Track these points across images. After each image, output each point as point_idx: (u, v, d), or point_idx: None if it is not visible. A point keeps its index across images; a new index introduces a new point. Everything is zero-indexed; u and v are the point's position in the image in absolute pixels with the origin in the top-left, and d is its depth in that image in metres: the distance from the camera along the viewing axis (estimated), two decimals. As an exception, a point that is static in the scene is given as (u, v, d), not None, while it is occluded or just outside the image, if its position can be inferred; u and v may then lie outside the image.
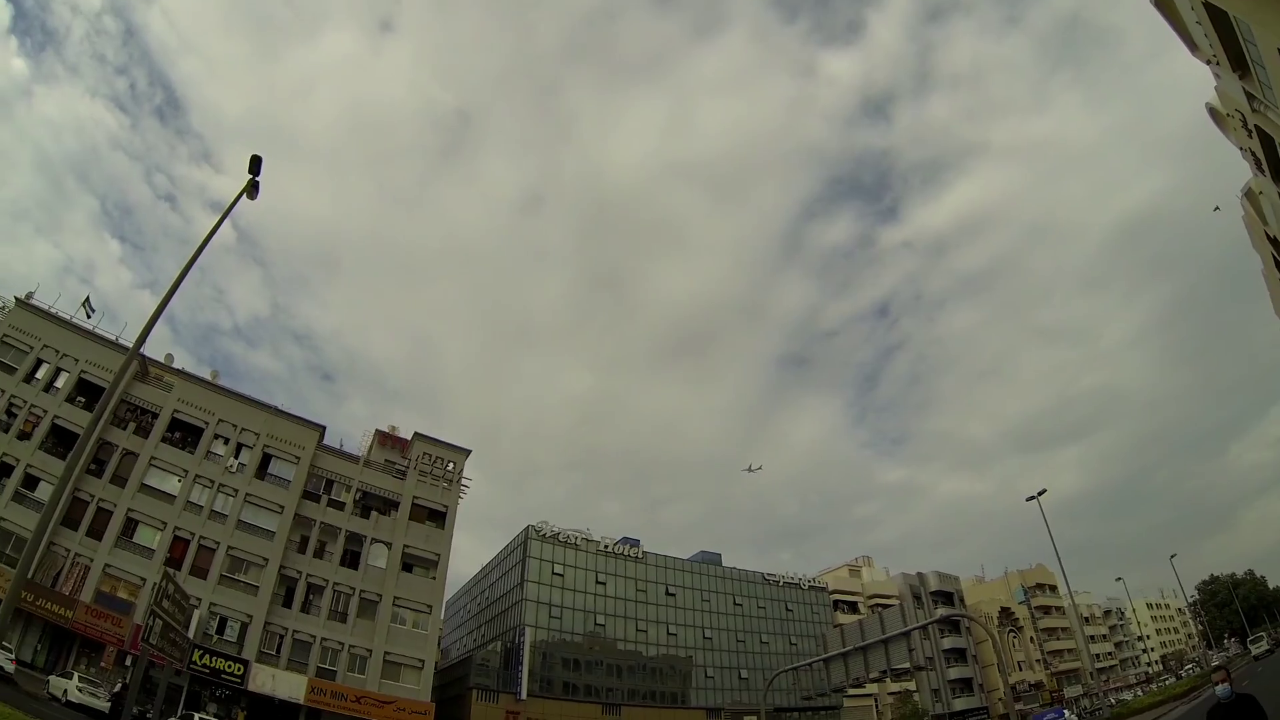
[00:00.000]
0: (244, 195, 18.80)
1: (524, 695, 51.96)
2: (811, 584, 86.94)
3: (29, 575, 28.97)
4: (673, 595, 75.54)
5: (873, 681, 33.29)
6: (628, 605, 72.45)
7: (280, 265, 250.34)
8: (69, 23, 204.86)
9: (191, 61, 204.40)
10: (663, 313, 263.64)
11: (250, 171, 18.61)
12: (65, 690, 32.85)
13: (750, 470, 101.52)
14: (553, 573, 68.77)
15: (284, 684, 42.07)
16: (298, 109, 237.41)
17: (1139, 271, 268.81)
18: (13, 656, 33.82)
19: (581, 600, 69.77)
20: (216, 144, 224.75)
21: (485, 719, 50.70)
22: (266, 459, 48.23)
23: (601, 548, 73.37)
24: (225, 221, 18.66)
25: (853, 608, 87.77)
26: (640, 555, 75.99)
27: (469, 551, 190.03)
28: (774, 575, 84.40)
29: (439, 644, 59.06)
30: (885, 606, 63.95)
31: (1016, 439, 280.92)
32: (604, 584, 72.02)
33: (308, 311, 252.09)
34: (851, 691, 51.54)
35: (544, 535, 70.36)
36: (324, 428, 50.48)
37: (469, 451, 53.07)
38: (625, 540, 77.37)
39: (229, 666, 40.94)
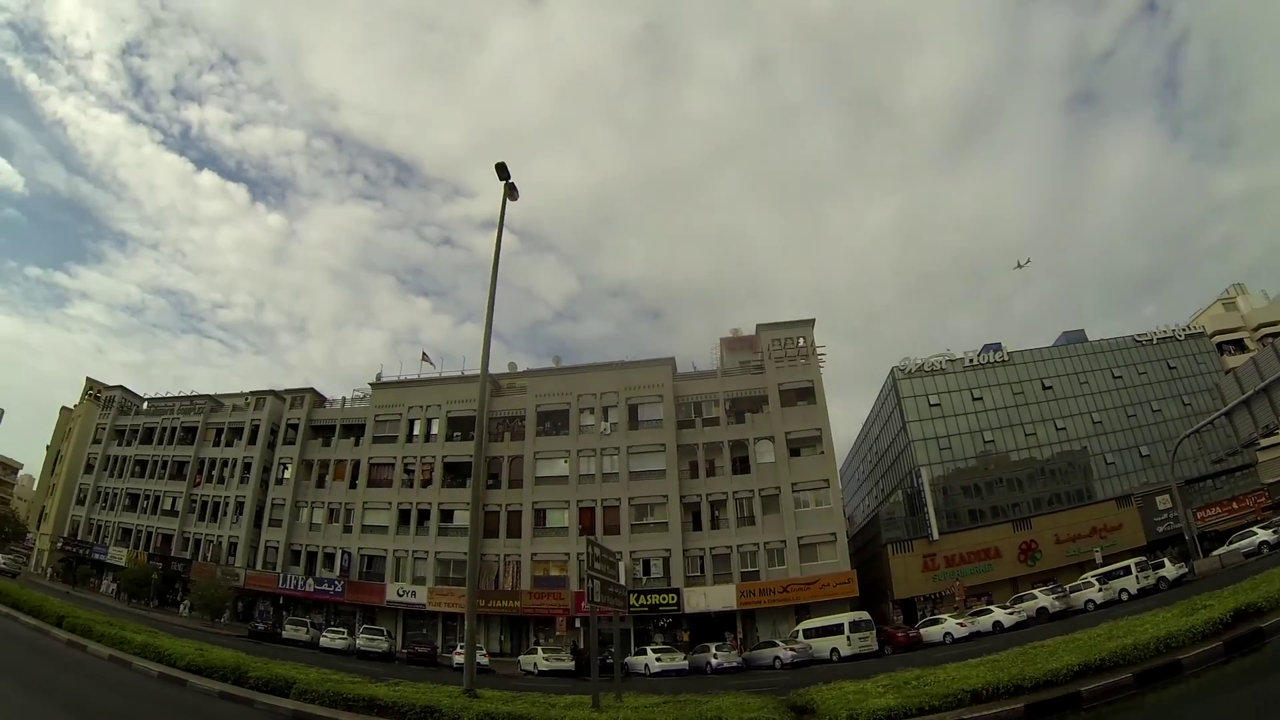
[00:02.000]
0: (507, 201, 21.26)
1: (935, 535, 52.26)
2: (1187, 332, 79.82)
3: (477, 585, 34.13)
4: (1049, 388, 72.61)
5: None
6: (1009, 413, 71.04)
7: (567, 241, 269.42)
8: (295, 165, 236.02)
9: (400, 126, 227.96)
10: (931, 113, 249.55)
11: (501, 179, 20.94)
12: (534, 664, 39.67)
13: (1020, 266, 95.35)
14: (929, 405, 69.45)
15: (715, 597, 46.66)
16: (504, 105, 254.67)
17: None
18: (484, 651, 40.73)
19: (964, 423, 69.64)
20: (456, 176, 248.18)
21: (905, 569, 52.24)
22: (633, 409, 53.26)
23: (967, 364, 72.33)
24: (504, 231, 21.35)
25: (1239, 346, 79.00)
26: (1006, 357, 73.99)
27: (846, 414, 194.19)
28: (1144, 335, 77.75)
29: (844, 513, 60.96)
30: (1277, 335, 57.79)
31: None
32: (980, 399, 71.13)
33: (611, 267, 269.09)
34: (1264, 444, 47.86)
35: (909, 372, 71.02)
36: (672, 359, 54.58)
37: (812, 320, 53.58)
38: (987, 348, 75.81)
39: (663, 599, 46.86)
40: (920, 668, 14.19)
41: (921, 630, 38.87)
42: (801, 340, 52.63)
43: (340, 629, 48.86)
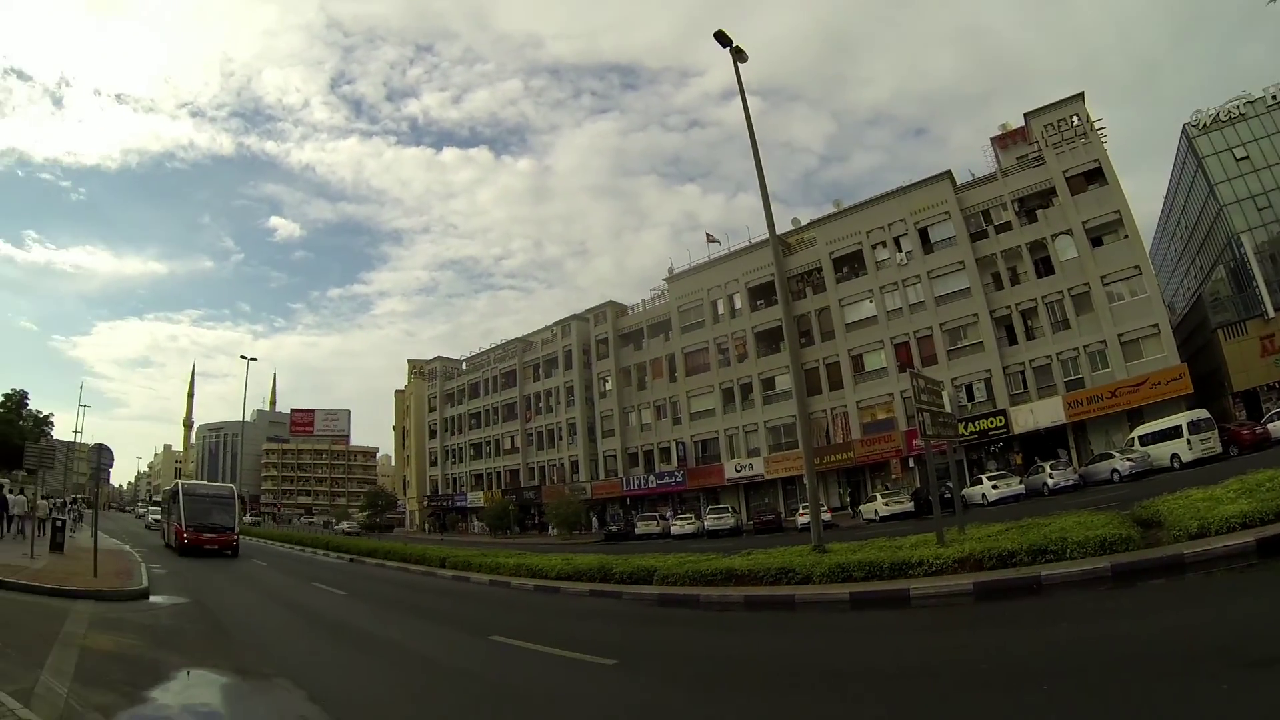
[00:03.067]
0: (739, 66, 22.02)
1: (1270, 312, 48.63)
2: None
3: (811, 443, 35.50)
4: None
5: None
6: (1330, 148, 60.40)
7: (809, 84, 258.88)
8: (522, 109, 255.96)
9: (606, 37, 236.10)
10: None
11: (724, 45, 21.78)
12: (875, 510, 41.39)
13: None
14: (1236, 161, 60.50)
15: (1042, 413, 46.02)
16: None
17: None
18: (825, 507, 40.36)
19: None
20: (678, 61, 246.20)
21: (1240, 355, 47.93)
22: (923, 233, 52.52)
23: (1271, 102, 60.54)
24: (746, 95, 22.06)
25: None
26: (1312, 81, 61.96)
27: (1141, 192, 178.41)
28: None
29: (1163, 301, 53.50)
30: None
31: None
32: (1292, 135, 61.28)
33: (860, 96, 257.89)
34: None
35: (1204, 126, 62.05)
36: (948, 172, 53.02)
37: (1081, 94, 50.20)
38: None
39: (990, 423, 47.09)
40: (1274, 469, 13.36)
41: (1269, 426, 35.34)
42: (1075, 118, 49.32)
43: (687, 515, 53.68)
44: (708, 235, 62.94)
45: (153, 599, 18.47)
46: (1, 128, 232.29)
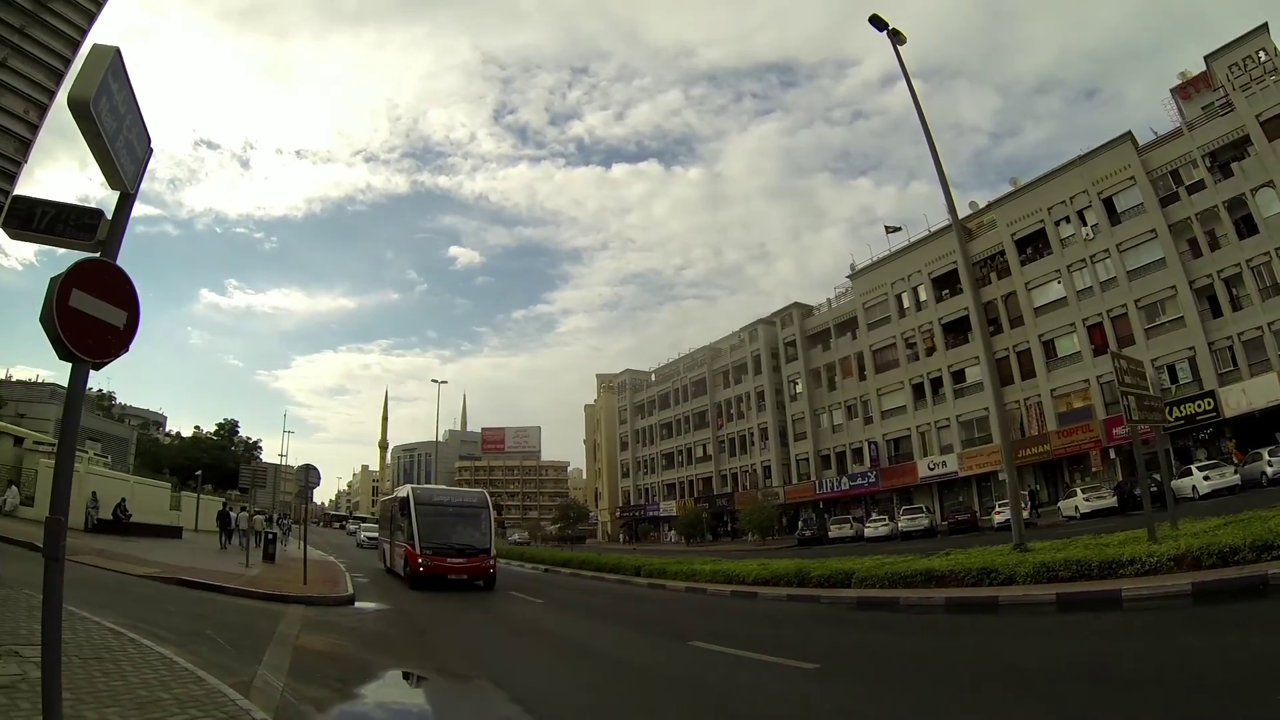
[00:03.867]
0: (898, 47, 22.58)
1: None
2: None
3: (1010, 435, 34.86)
4: None
5: None
6: None
7: (967, 57, 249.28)
8: (685, 119, 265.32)
9: (760, 36, 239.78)
10: None
11: (880, 29, 22.27)
12: (1074, 507, 39.60)
13: None
14: None
15: (1256, 392, 42.08)
16: None
17: None
18: (1026, 503, 39.37)
19: None
20: (834, 52, 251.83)
21: None
22: (1108, 204, 50.09)
23: None
24: (910, 80, 22.71)
25: None
26: None
27: None
28: None
29: None
30: None
31: None
32: None
33: (1022, 64, 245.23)
34: None
35: None
36: (1128, 133, 50.34)
37: (1264, 25, 46.56)
38: None
39: (1196, 407, 43.88)
40: None
41: None
42: (1262, 53, 45.75)
43: (881, 517, 53.75)
44: (886, 226, 63.62)
45: (357, 605, 20.37)
46: (198, 192, 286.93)
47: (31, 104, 5.82)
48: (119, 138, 4.73)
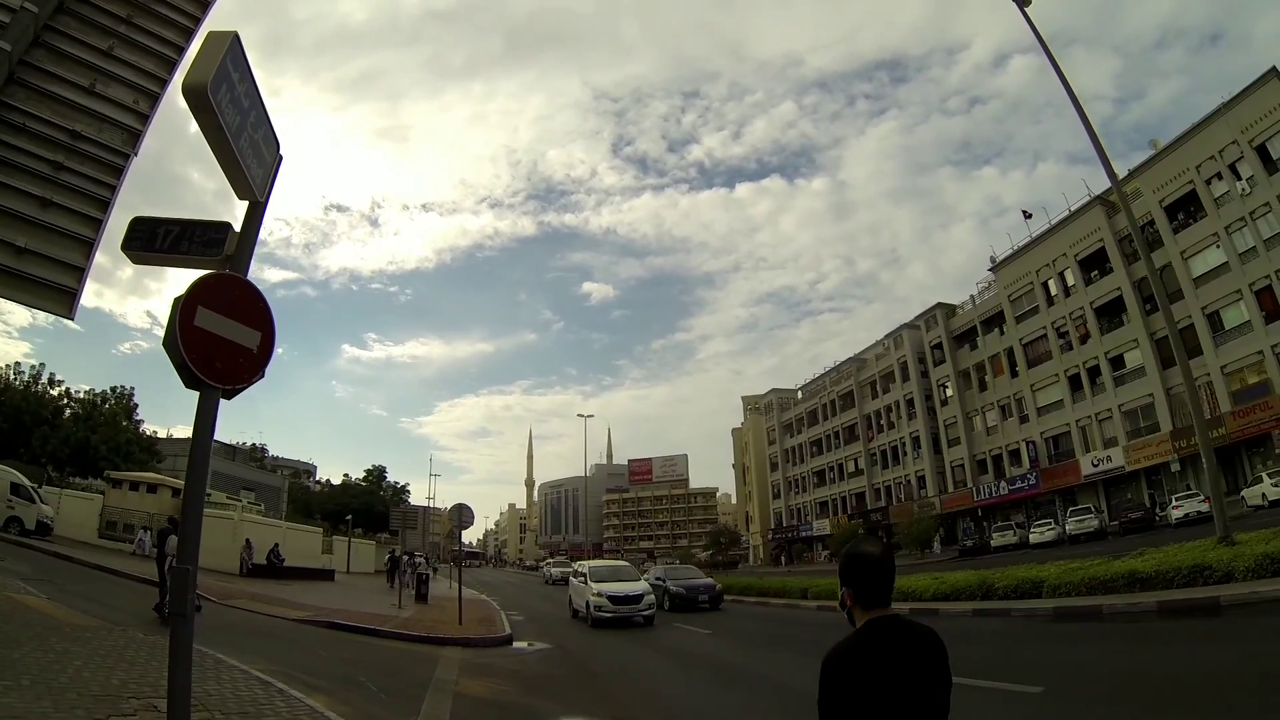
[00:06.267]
0: (1024, 9, 23.19)
1: None
2: None
3: (1203, 413, 31.61)
4: None
5: None
6: None
7: (1080, 15, 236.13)
8: (802, 129, 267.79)
9: (863, 35, 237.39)
10: None
11: None
12: (1261, 494, 36.50)
13: None
14: None
15: None
16: None
17: None
18: (1200, 495, 38.91)
19: None
20: (941, 40, 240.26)
21: None
22: (1261, 152, 45.42)
23: None
24: (1043, 39, 23.53)
25: None
26: None
27: None
28: None
29: None
30: None
31: None
32: None
33: (1136, 17, 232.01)
34: None
35: None
36: (1271, 69, 45.22)
37: None
38: None
39: None
40: None
41: None
42: None
43: (1045, 520, 51.59)
44: (1024, 212, 61.62)
45: (515, 644, 20.06)
46: (333, 253, 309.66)
47: (141, 93, 5.60)
48: (243, 135, 4.35)
